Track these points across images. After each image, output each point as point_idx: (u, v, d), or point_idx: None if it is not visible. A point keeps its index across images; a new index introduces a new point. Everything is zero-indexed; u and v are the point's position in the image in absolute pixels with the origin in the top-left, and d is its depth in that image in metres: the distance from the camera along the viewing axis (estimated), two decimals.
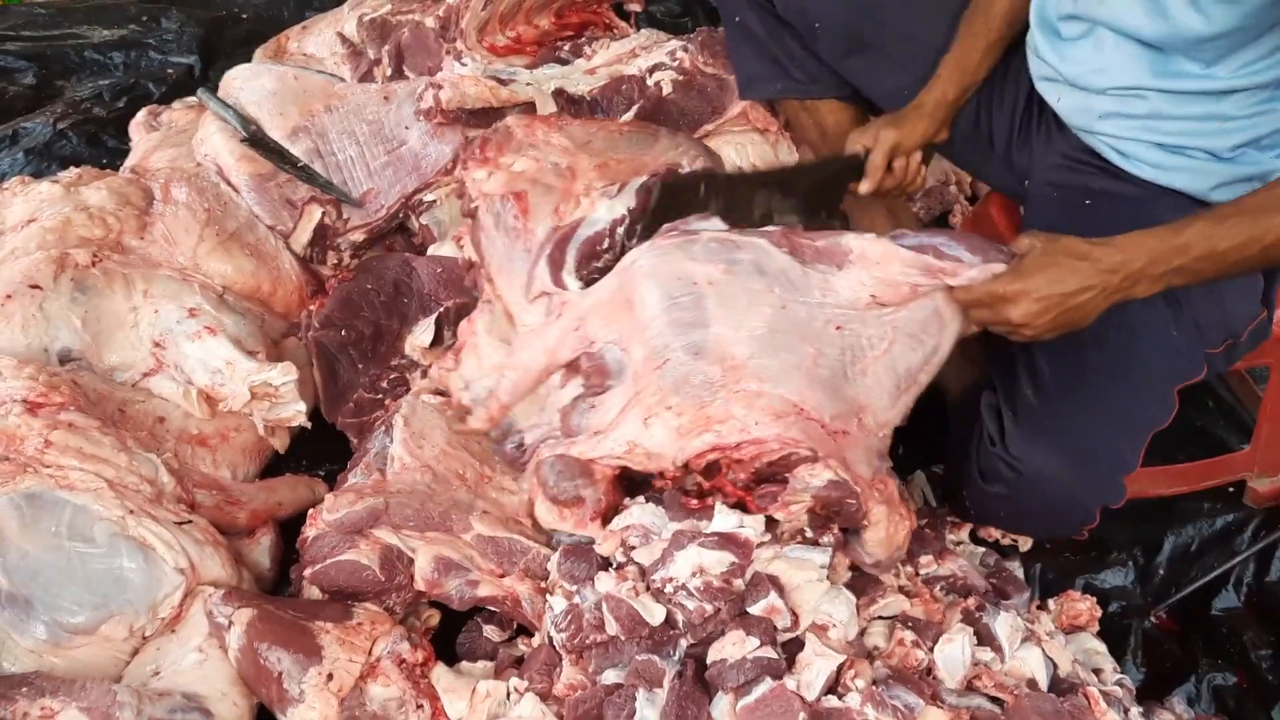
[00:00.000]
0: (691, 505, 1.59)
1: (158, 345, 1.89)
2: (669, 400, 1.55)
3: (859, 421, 1.60)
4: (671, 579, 1.52)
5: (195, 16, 2.93)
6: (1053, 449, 1.64)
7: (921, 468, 1.96)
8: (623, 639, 1.53)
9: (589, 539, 1.63)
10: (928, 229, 1.64)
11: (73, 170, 2.13)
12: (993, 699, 1.55)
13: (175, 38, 2.88)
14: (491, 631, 1.72)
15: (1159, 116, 1.72)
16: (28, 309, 1.82)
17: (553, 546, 1.68)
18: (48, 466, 1.62)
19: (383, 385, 2.01)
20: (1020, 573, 1.84)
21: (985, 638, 1.62)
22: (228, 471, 1.85)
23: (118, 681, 1.52)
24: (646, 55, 2.34)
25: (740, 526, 1.56)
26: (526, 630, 1.70)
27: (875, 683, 1.48)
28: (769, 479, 1.58)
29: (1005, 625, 1.63)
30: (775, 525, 1.59)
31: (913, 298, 1.63)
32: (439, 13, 2.44)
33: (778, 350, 1.58)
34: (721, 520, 1.56)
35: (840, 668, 1.49)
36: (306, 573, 1.67)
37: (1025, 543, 1.89)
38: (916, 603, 1.68)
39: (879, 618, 1.65)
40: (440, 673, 1.60)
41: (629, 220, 1.79)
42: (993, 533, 1.89)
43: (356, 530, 1.66)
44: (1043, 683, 1.58)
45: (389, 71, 2.43)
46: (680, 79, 2.28)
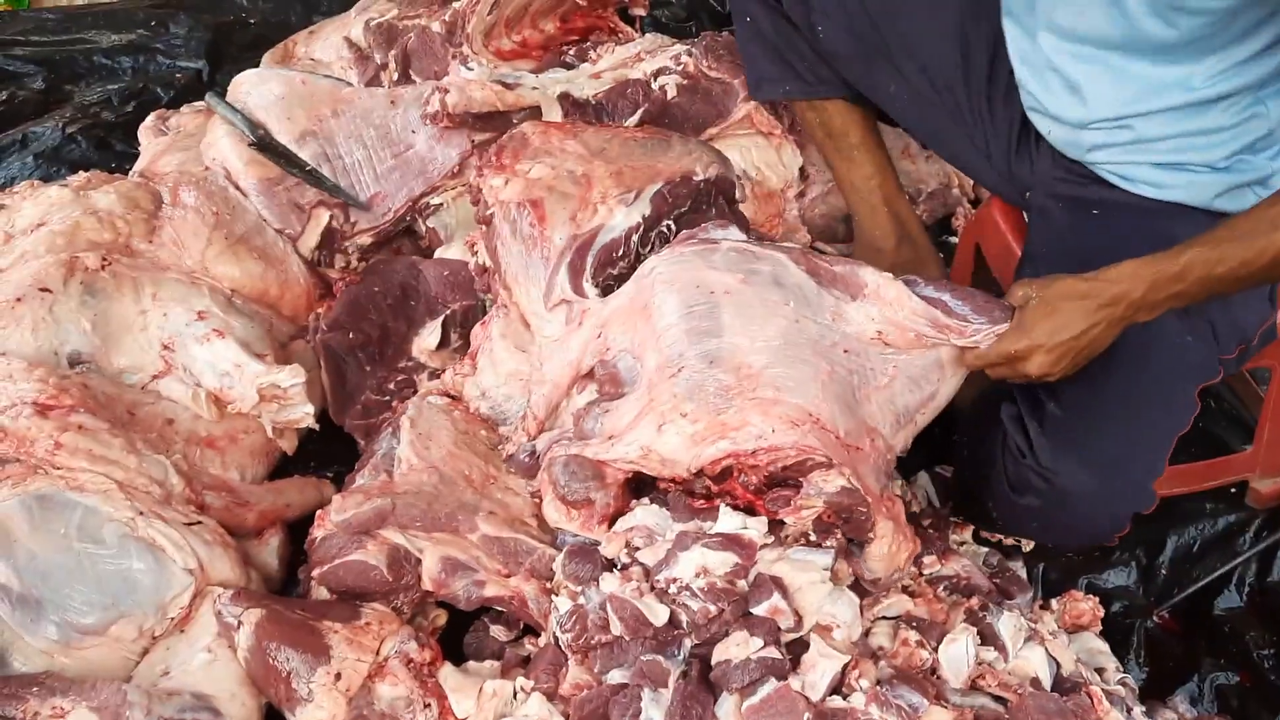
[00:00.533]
0: (696, 506, 1.61)
1: (166, 348, 1.90)
2: (683, 407, 1.56)
3: (870, 441, 1.63)
4: (676, 579, 1.53)
5: (203, 22, 2.95)
6: (1084, 460, 1.66)
7: (925, 468, 1.97)
8: (627, 639, 1.53)
9: (594, 540, 1.65)
10: (937, 281, 1.67)
11: (81, 174, 2.14)
12: (996, 698, 1.56)
13: (183, 43, 2.90)
14: (498, 631, 1.73)
15: (1147, 140, 1.74)
16: (37, 312, 1.83)
17: (558, 547, 1.69)
18: (58, 468, 1.63)
19: (390, 387, 2.02)
20: (1023, 573, 1.86)
21: (989, 637, 1.63)
22: (236, 473, 1.86)
23: (127, 681, 1.54)
24: (651, 59, 2.35)
25: (744, 528, 1.57)
26: (533, 630, 1.71)
27: (879, 683, 1.49)
28: (780, 483, 1.59)
29: (1009, 625, 1.64)
30: (779, 528, 1.60)
31: (917, 345, 1.66)
32: (445, 18, 2.45)
33: (793, 361, 1.60)
34: (725, 521, 1.57)
35: (845, 668, 1.50)
36: (314, 573, 1.69)
37: (1028, 543, 1.90)
38: (920, 603, 1.69)
39: (883, 618, 1.66)
40: (447, 672, 1.62)
41: (644, 228, 1.81)
42: (995, 534, 1.90)
43: (364, 531, 1.67)
44: (1046, 682, 1.59)
45: (395, 76, 2.44)
46: (685, 83, 2.30)
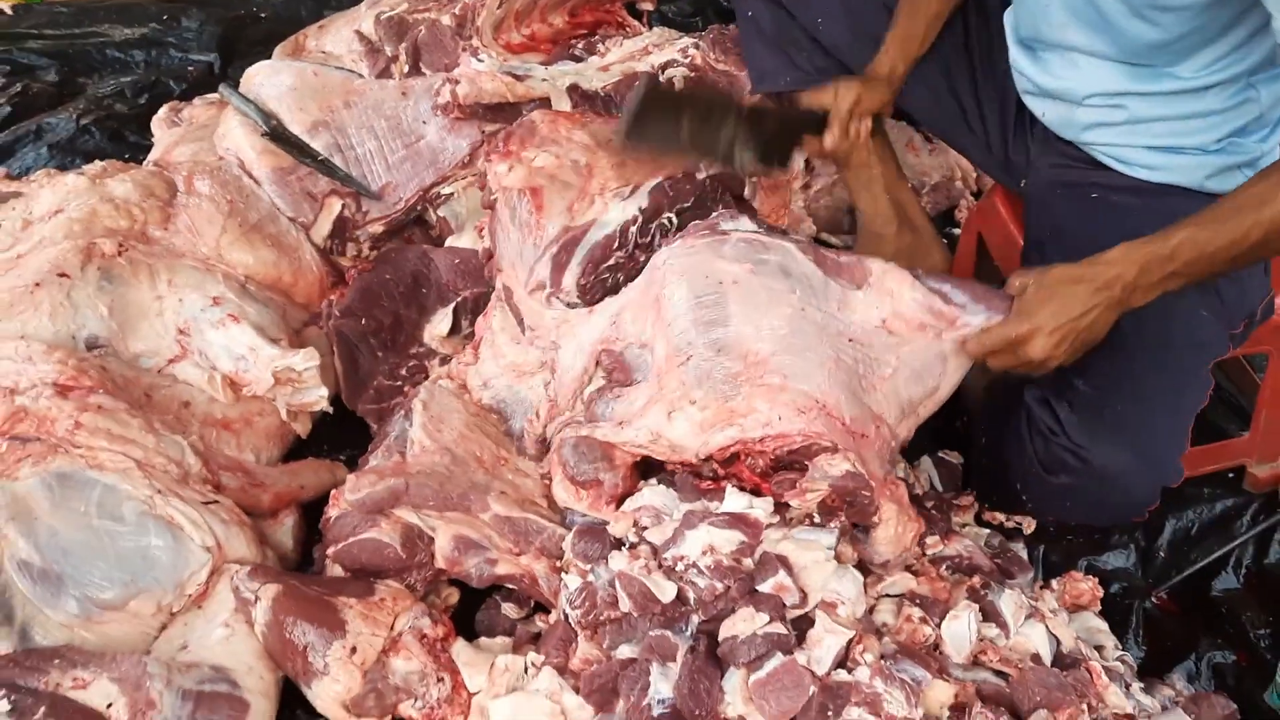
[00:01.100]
0: (703, 487, 1.63)
1: (182, 333, 1.94)
2: (692, 394, 1.60)
3: (875, 428, 1.65)
4: (683, 557, 1.56)
5: (214, 16, 3.00)
6: (1116, 437, 1.68)
7: (928, 453, 2.00)
8: (636, 615, 1.56)
9: (602, 520, 1.68)
10: (938, 273, 1.71)
11: (98, 163, 2.18)
12: (998, 673, 1.58)
13: (195, 36, 2.95)
14: (509, 609, 1.75)
15: (1141, 120, 1.78)
16: (56, 297, 1.86)
17: (567, 527, 1.72)
18: (78, 447, 1.66)
19: (402, 373, 2.05)
20: (1024, 554, 1.88)
21: (990, 614, 1.65)
22: (251, 455, 1.89)
23: (146, 655, 1.56)
24: (659, 52, 2.39)
25: (750, 508, 1.59)
26: (543, 608, 1.74)
27: (883, 657, 1.51)
28: (786, 466, 1.62)
29: (1010, 603, 1.66)
30: (784, 509, 1.63)
31: (920, 334, 1.70)
32: (455, 11, 2.50)
33: (799, 349, 1.63)
34: (732, 502, 1.60)
35: (849, 643, 1.51)
36: (329, 551, 1.71)
37: (1029, 526, 1.93)
38: (923, 581, 1.71)
39: (886, 596, 1.69)
40: (460, 647, 1.64)
41: (641, 220, 1.85)
42: (997, 516, 1.92)
43: (378, 510, 1.69)
44: (1046, 658, 1.61)
45: (406, 68, 2.48)
46: (692, 75, 2.34)
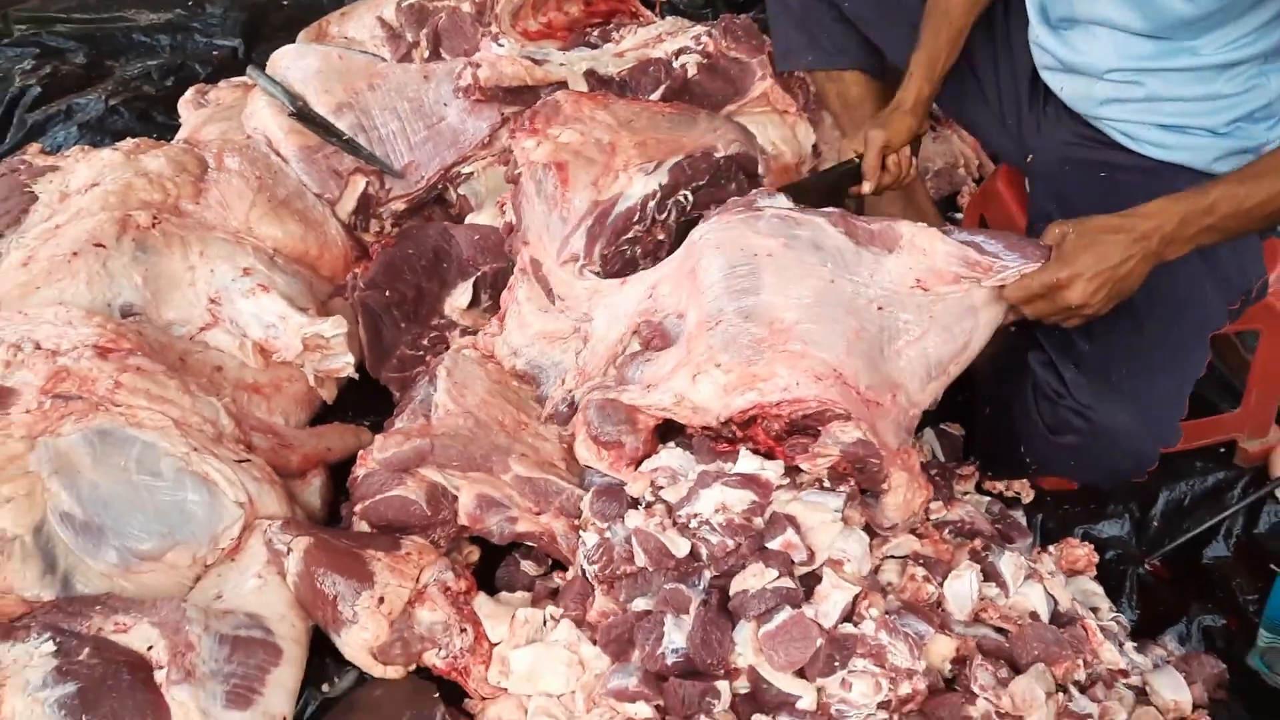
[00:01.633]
0: (719, 449, 1.69)
1: (213, 302, 2.01)
2: (718, 358, 1.65)
3: (892, 397, 1.70)
4: (696, 514, 1.60)
5: (239, 2, 3.08)
6: (1120, 397, 1.72)
7: (930, 425, 2.07)
8: (651, 570, 1.61)
9: (620, 481, 1.75)
10: (970, 228, 1.77)
11: (131, 140, 2.25)
12: (998, 629, 1.65)
13: (219, 22, 3.03)
14: (528, 566, 1.81)
15: (1157, 99, 1.83)
16: (92, 266, 1.93)
17: (585, 488, 1.78)
18: (118, 406, 1.73)
19: (424, 343, 2.13)
20: (1023, 521, 1.95)
21: (991, 575, 1.71)
22: (281, 418, 1.96)
23: (184, 601, 1.63)
24: (672, 39, 2.46)
25: (761, 469, 1.65)
26: (561, 565, 1.80)
27: (888, 613, 1.57)
28: (801, 431, 1.66)
29: (1010, 564, 1.72)
30: (795, 473, 1.68)
31: (955, 285, 1.73)
32: None
33: (823, 319, 1.68)
34: (744, 463, 1.65)
35: (855, 599, 1.57)
36: (357, 508, 1.77)
37: (1028, 495, 2.00)
38: (927, 544, 1.76)
39: (891, 557, 1.75)
40: (482, 600, 1.70)
41: (660, 196, 1.92)
42: (997, 485, 1.99)
43: (404, 469, 1.76)
44: (1044, 616, 1.67)
45: (426, 54, 2.56)
46: (704, 61, 2.41)
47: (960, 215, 2.51)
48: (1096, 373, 1.73)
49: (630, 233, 1.93)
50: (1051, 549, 1.88)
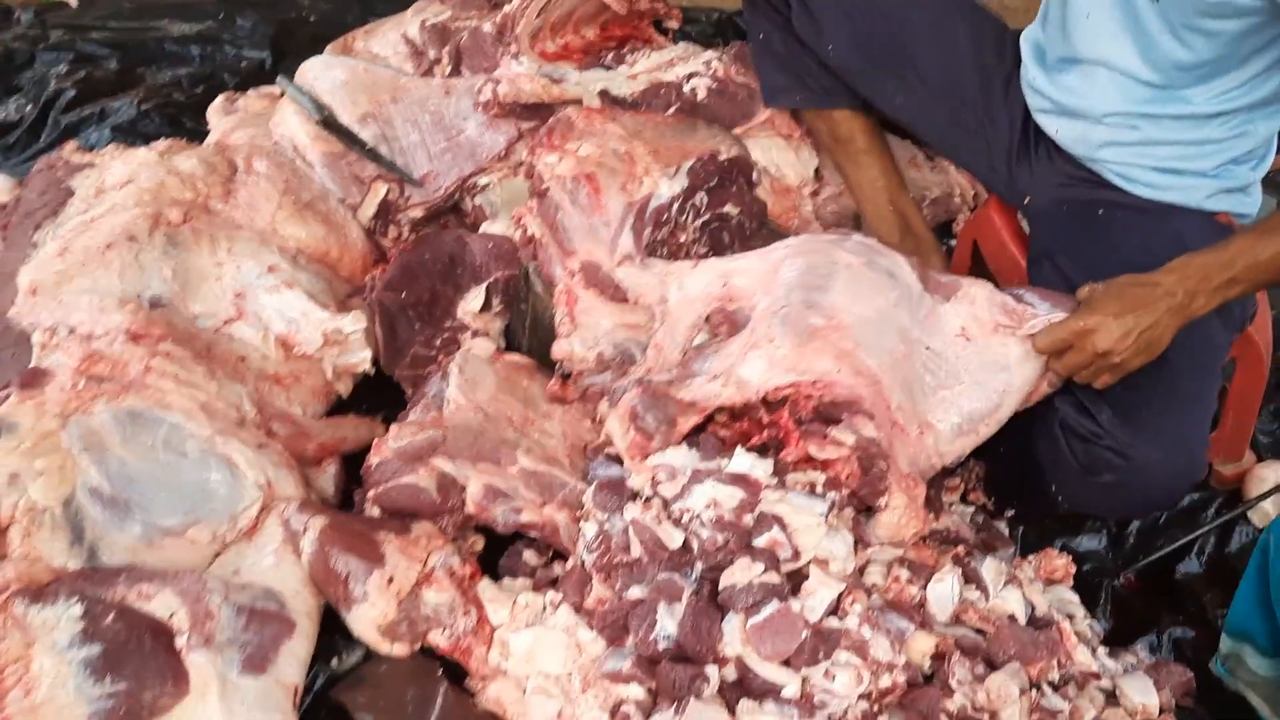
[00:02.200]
0: (732, 439, 1.76)
1: (238, 296, 2.09)
2: (773, 334, 1.74)
3: (919, 432, 1.77)
4: (689, 509, 1.67)
5: (267, 17, 3.18)
6: (1153, 435, 1.76)
7: None
8: (646, 560, 1.67)
9: (621, 475, 1.83)
10: (1022, 286, 1.88)
11: (164, 141, 2.35)
12: (977, 630, 1.70)
13: (248, 35, 3.13)
14: (530, 556, 1.88)
15: (1151, 143, 1.92)
16: (125, 257, 2.01)
17: (588, 483, 1.86)
18: (148, 388, 1.81)
19: (436, 343, 2.21)
20: (1006, 532, 2.03)
21: (972, 579, 1.77)
22: (299, 408, 2.04)
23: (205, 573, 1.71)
24: (684, 64, 2.55)
25: (752, 468, 1.71)
26: (561, 556, 1.86)
27: (871, 609, 1.62)
28: (824, 420, 1.73)
29: (990, 569, 1.78)
30: (784, 473, 1.75)
31: (994, 334, 1.81)
32: (495, 20, 2.67)
33: (877, 333, 1.77)
34: (737, 462, 1.72)
35: (840, 595, 1.63)
36: (370, 493, 1.84)
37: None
38: (911, 549, 1.85)
39: (875, 561, 1.83)
40: (485, 585, 1.77)
41: (683, 198, 2.03)
42: (980, 497, 2.07)
43: (416, 458, 1.84)
44: (1021, 619, 1.73)
45: (448, 70, 2.66)
46: (714, 86, 2.49)
47: (954, 242, 2.60)
48: (1129, 412, 1.76)
49: (662, 231, 2.03)
50: (1031, 558, 1.94)
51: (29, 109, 2.94)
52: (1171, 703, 1.76)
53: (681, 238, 2.04)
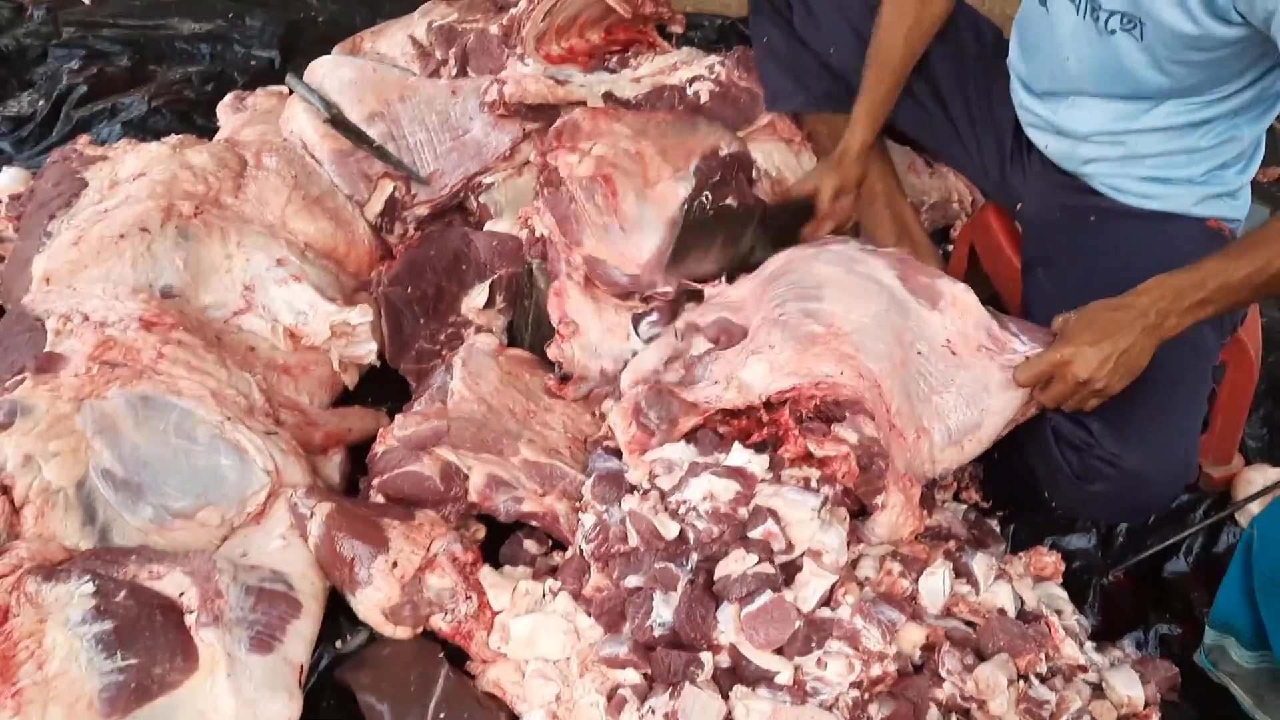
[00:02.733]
0: (729, 436, 1.79)
1: (248, 289, 2.14)
2: (773, 340, 1.78)
3: (916, 436, 1.80)
4: (685, 501, 1.71)
5: (276, 16, 3.23)
6: (1147, 444, 1.78)
7: None
8: (643, 550, 1.71)
9: (620, 468, 1.87)
10: (998, 313, 1.92)
11: (177, 136, 2.39)
12: (967, 623, 1.75)
13: (258, 34, 3.18)
14: (531, 545, 1.91)
15: (1138, 155, 1.96)
16: (137, 248, 2.06)
17: (587, 474, 1.90)
18: (160, 374, 1.86)
19: (441, 338, 2.25)
20: (997, 529, 2.07)
21: (963, 573, 1.81)
22: (306, 398, 2.08)
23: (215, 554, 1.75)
24: (687, 68, 2.59)
25: (748, 462, 1.75)
26: (561, 546, 1.90)
27: (863, 600, 1.66)
28: (825, 419, 1.77)
29: (981, 564, 1.82)
30: (779, 468, 1.78)
31: (977, 354, 1.85)
32: (502, 22, 2.71)
33: (875, 338, 1.81)
34: (734, 456, 1.76)
35: (833, 586, 1.67)
36: (375, 481, 1.89)
37: None
38: (903, 544, 1.89)
39: (867, 555, 1.86)
40: (486, 572, 1.81)
41: (691, 198, 2.10)
42: (973, 495, 2.11)
43: (421, 447, 1.88)
44: (1011, 612, 1.77)
45: (454, 71, 2.70)
46: (716, 89, 2.53)
47: (952, 247, 2.64)
48: (1120, 422, 1.78)
49: None
50: (1022, 555, 1.97)
51: (41, 104, 2.98)
52: (1157, 697, 1.80)
53: None
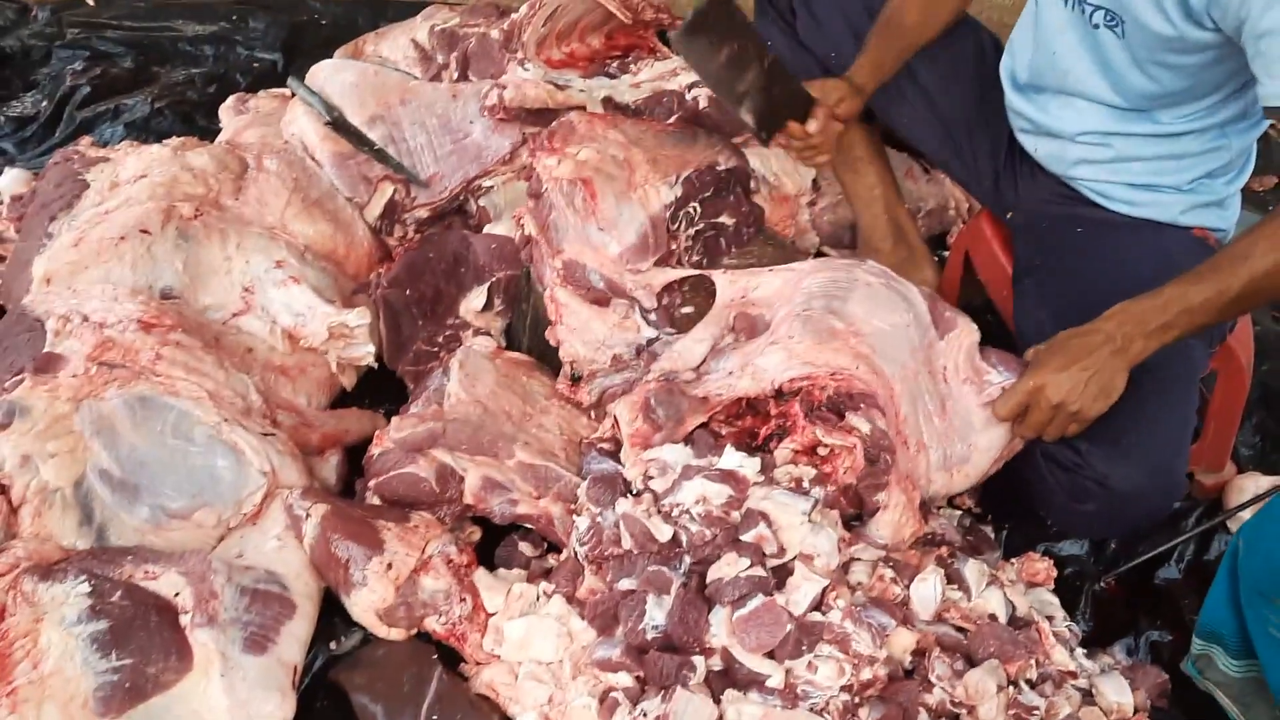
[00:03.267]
0: (718, 445, 1.81)
1: (247, 290, 2.15)
2: (793, 331, 1.82)
3: (919, 447, 1.83)
4: (679, 504, 1.73)
5: (280, 19, 3.25)
6: (1135, 463, 1.77)
7: None
8: (636, 553, 1.72)
9: (613, 471, 1.88)
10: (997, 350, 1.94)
11: (178, 138, 2.41)
12: (958, 628, 1.75)
13: (261, 36, 3.20)
14: (525, 547, 1.93)
15: (1124, 159, 1.96)
16: (137, 249, 2.08)
17: (582, 477, 1.91)
18: (158, 375, 1.87)
19: (439, 340, 2.27)
20: (991, 535, 2.08)
21: (955, 579, 1.81)
22: (304, 399, 2.10)
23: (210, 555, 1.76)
24: (686, 74, 2.59)
25: (740, 466, 1.76)
26: (556, 549, 1.91)
27: (854, 605, 1.67)
28: (836, 411, 1.79)
29: (973, 570, 1.83)
30: (771, 469, 1.80)
31: (963, 386, 1.89)
32: (503, 26, 2.73)
33: (893, 346, 1.84)
34: (726, 459, 1.77)
35: (824, 590, 1.67)
36: (371, 483, 1.90)
37: None
38: (902, 545, 1.90)
39: (859, 559, 1.86)
40: (481, 574, 1.82)
41: (676, 206, 2.08)
42: (966, 500, 2.12)
43: (417, 449, 1.89)
44: (1002, 618, 1.77)
45: (455, 75, 2.72)
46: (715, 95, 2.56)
47: (949, 253, 2.65)
48: (1108, 441, 1.78)
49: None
50: (1014, 561, 1.99)
51: (45, 105, 3.01)
52: (1147, 703, 1.81)
53: (672, 245, 2.09)
